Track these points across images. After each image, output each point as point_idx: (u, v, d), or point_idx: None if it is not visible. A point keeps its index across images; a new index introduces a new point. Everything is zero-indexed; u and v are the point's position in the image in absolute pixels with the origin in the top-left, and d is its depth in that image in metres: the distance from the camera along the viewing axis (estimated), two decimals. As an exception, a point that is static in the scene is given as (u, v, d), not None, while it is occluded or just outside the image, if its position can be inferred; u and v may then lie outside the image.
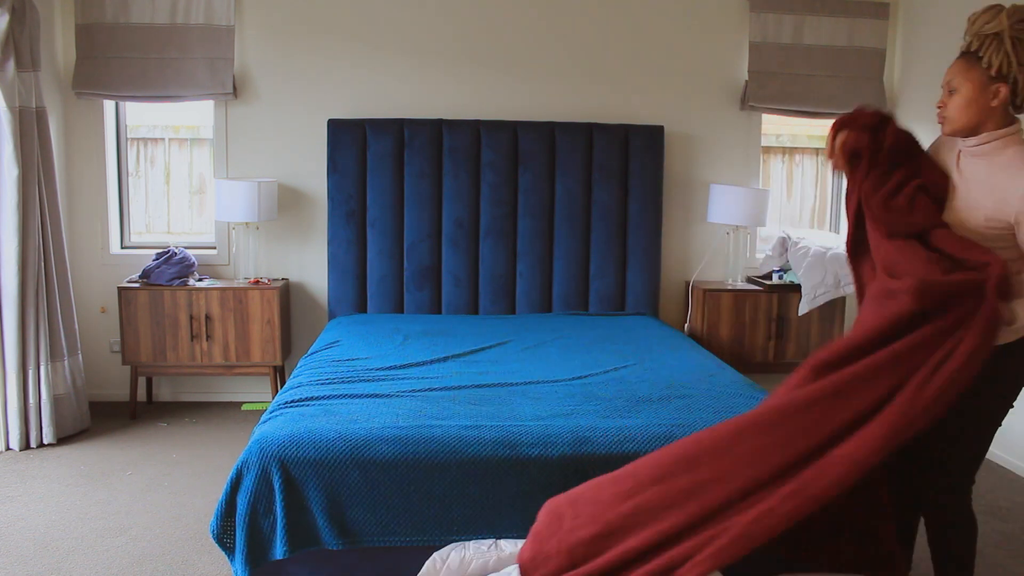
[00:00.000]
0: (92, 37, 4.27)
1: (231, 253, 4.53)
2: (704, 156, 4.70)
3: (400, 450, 2.43)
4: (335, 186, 4.28)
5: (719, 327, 4.41)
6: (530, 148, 4.35)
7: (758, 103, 4.60)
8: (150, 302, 4.17)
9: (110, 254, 4.49)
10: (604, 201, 4.41)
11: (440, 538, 2.44)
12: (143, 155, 4.67)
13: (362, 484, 2.41)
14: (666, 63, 4.62)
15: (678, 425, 2.58)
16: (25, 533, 2.99)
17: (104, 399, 4.52)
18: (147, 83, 4.28)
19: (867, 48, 4.68)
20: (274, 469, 2.38)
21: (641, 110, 4.60)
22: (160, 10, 4.28)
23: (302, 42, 4.42)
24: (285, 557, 2.39)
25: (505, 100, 4.54)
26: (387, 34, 4.46)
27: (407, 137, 4.30)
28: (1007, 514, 3.32)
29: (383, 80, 4.47)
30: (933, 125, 2.27)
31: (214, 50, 4.31)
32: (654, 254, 4.47)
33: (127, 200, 4.61)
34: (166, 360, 4.23)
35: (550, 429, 2.55)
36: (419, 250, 4.34)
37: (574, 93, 4.57)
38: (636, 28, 4.58)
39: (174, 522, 3.10)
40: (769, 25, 4.59)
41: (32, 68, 3.78)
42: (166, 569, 2.76)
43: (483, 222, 4.37)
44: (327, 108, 4.44)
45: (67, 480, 3.48)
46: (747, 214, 4.38)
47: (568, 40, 4.55)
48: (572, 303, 4.43)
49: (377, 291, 4.34)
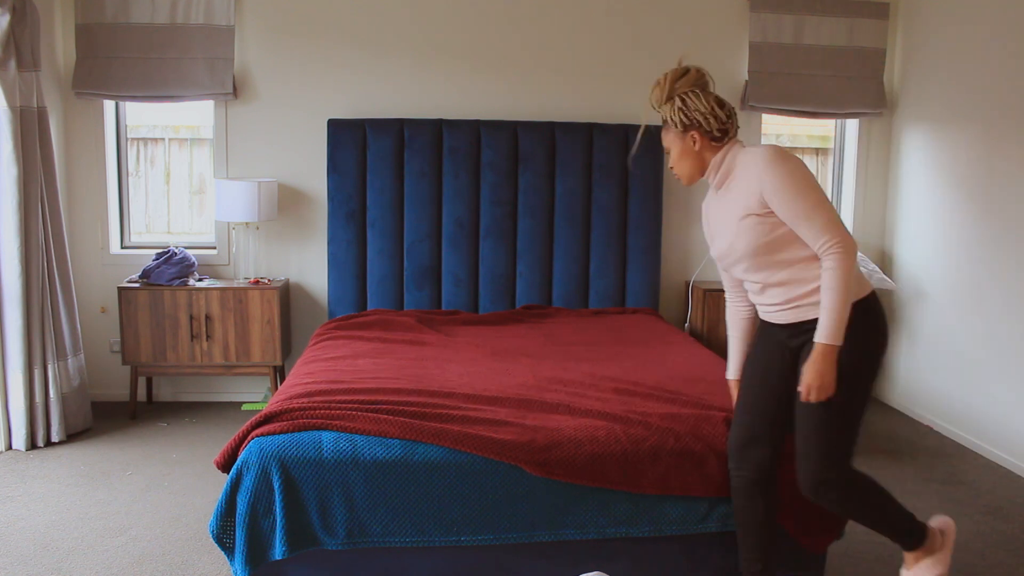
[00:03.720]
0: (92, 37, 4.27)
1: (231, 253, 4.53)
2: (704, 156, 4.69)
3: (400, 450, 2.43)
4: (335, 186, 4.28)
5: (719, 327, 4.41)
6: (530, 148, 4.35)
7: (758, 103, 4.60)
8: (150, 302, 4.17)
9: (110, 254, 4.49)
10: (604, 201, 4.41)
11: (440, 538, 2.44)
12: (143, 155, 4.67)
13: (362, 484, 2.41)
14: (666, 63, 4.56)
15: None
16: (25, 533, 2.99)
17: (104, 399, 4.52)
18: (147, 83, 4.28)
19: (867, 48, 4.68)
20: (274, 469, 2.38)
21: (641, 110, 4.58)
22: (160, 10, 4.28)
23: (302, 42, 4.43)
24: (285, 557, 2.39)
25: (505, 100, 4.54)
26: (387, 34, 4.46)
27: (407, 137, 4.30)
28: (1007, 514, 3.32)
29: (383, 80, 4.48)
30: (933, 125, 2.30)
31: (214, 50, 4.31)
32: (654, 254, 4.47)
33: (127, 200, 4.61)
34: (166, 360, 4.23)
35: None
36: (419, 250, 4.34)
37: (574, 93, 4.57)
38: (636, 28, 4.58)
39: (174, 522, 3.10)
40: (769, 25, 4.59)
41: (33, 68, 3.78)
42: (166, 569, 2.76)
43: (483, 222, 4.37)
44: (327, 108, 4.44)
45: (67, 480, 3.48)
46: (747, 214, 4.37)
47: (568, 40, 4.55)
48: (572, 303, 4.43)
49: (377, 291, 4.33)
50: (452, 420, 2.55)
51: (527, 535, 2.47)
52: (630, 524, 2.50)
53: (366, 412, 2.55)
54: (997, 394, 3.93)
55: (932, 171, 4.44)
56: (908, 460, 3.91)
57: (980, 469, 3.81)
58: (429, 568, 2.49)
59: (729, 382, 2.61)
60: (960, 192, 4.22)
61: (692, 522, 2.52)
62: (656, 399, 2.81)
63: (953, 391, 4.25)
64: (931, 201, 4.47)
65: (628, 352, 3.51)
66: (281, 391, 2.86)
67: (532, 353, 3.47)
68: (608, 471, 2.44)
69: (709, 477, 2.48)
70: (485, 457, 2.43)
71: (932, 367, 4.44)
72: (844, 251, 2.13)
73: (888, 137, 4.84)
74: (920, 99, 4.54)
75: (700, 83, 2.36)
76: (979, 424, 4.05)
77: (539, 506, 2.46)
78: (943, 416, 4.34)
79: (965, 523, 3.22)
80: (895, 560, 2.90)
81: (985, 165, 4.04)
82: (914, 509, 3.31)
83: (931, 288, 4.46)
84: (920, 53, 4.56)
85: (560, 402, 2.75)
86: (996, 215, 3.97)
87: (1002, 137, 3.92)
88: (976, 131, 4.10)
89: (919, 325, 4.56)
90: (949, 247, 4.31)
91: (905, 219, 4.70)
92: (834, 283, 2.12)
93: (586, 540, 2.51)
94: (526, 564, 2.51)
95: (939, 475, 3.72)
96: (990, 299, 4.00)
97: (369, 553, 2.46)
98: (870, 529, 2.36)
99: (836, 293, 2.12)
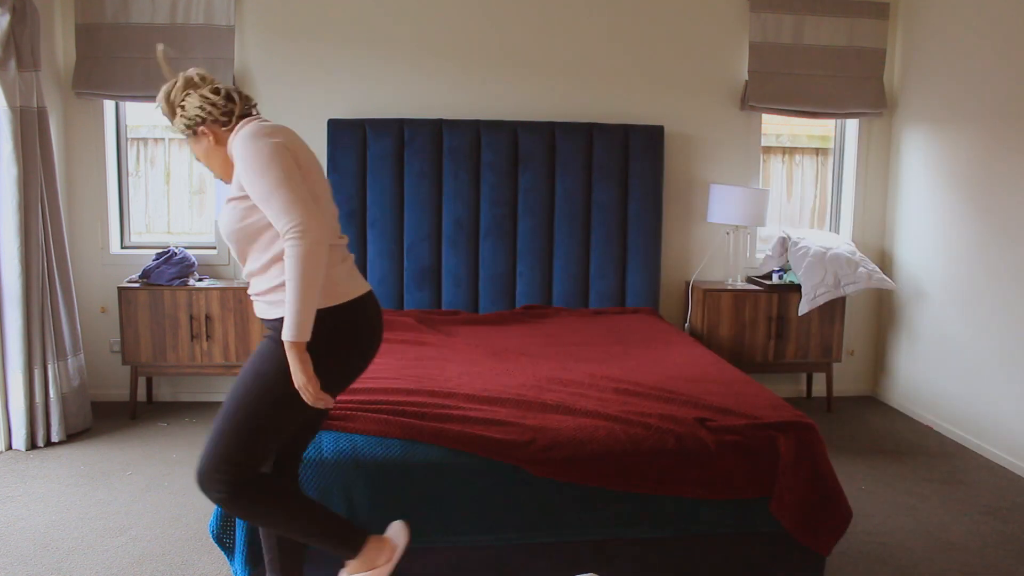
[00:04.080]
0: (92, 37, 4.27)
1: (231, 253, 4.52)
2: (704, 156, 4.70)
3: (400, 450, 2.43)
4: (335, 186, 4.28)
5: (719, 327, 4.41)
6: (530, 148, 4.36)
7: (758, 103, 4.61)
8: (150, 302, 4.17)
9: (110, 254, 4.49)
10: (604, 201, 4.41)
11: (440, 538, 2.44)
12: (143, 155, 4.67)
13: (362, 484, 2.40)
14: (666, 63, 4.63)
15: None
16: (25, 533, 2.99)
17: (104, 399, 4.52)
18: (147, 83, 4.28)
19: (867, 48, 4.68)
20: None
21: (641, 110, 4.60)
22: (160, 10, 4.28)
23: (302, 42, 4.43)
24: (285, 557, 2.39)
25: (505, 100, 4.54)
26: (387, 34, 4.46)
27: (407, 137, 4.30)
28: (1007, 514, 3.32)
29: (383, 80, 4.48)
30: (933, 125, 2.28)
31: (214, 50, 4.31)
32: (654, 254, 4.47)
33: (127, 200, 4.61)
34: (166, 360, 4.23)
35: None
36: (419, 250, 4.34)
37: (574, 93, 4.57)
38: (636, 28, 4.58)
39: (174, 522, 3.10)
40: (769, 25, 4.59)
41: (33, 68, 3.78)
42: (166, 569, 2.76)
43: (483, 222, 4.37)
44: (327, 108, 4.44)
45: (67, 480, 3.48)
46: (747, 214, 4.38)
47: (568, 40, 4.55)
48: (572, 303, 4.43)
49: (377, 291, 4.33)
50: (452, 420, 2.55)
51: (527, 535, 2.47)
52: (630, 524, 2.50)
53: (366, 412, 2.55)
54: (997, 394, 3.93)
55: (932, 171, 4.45)
56: (908, 460, 3.91)
57: (980, 469, 3.81)
58: (429, 568, 2.48)
59: None
60: (960, 192, 4.23)
61: (692, 522, 2.52)
62: (656, 399, 2.81)
63: (953, 391, 4.26)
64: (931, 201, 4.47)
65: (628, 352, 3.51)
66: None
67: (532, 353, 3.47)
68: (608, 471, 2.44)
69: (709, 478, 2.48)
70: (485, 457, 2.43)
71: (932, 367, 4.44)
72: (301, 236, 1.91)
73: (888, 137, 4.84)
74: (920, 99, 4.54)
75: (190, 85, 2.19)
76: (979, 424, 4.05)
77: (539, 506, 2.46)
78: (943, 416, 4.34)
79: (965, 523, 3.23)
80: (895, 560, 2.90)
81: (985, 165, 4.04)
82: (914, 509, 3.33)
83: (931, 288, 4.46)
84: (920, 53, 4.56)
85: (560, 402, 2.75)
86: (996, 215, 3.97)
87: (1002, 137, 3.92)
88: (976, 131, 4.10)
89: (919, 325, 4.56)
90: (949, 247, 4.31)
91: (905, 219, 4.70)
92: (290, 272, 1.92)
93: (586, 540, 2.51)
94: (526, 564, 2.51)
95: (939, 475, 3.72)
96: (990, 299, 4.00)
97: (369, 553, 2.46)
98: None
99: (291, 283, 1.92)
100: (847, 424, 4.43)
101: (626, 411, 2.67)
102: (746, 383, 2.99)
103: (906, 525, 3.19)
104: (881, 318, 4.92)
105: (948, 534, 3.12)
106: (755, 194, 4.40)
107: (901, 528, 3.16)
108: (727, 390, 2.91)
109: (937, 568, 2.86)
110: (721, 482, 2.48)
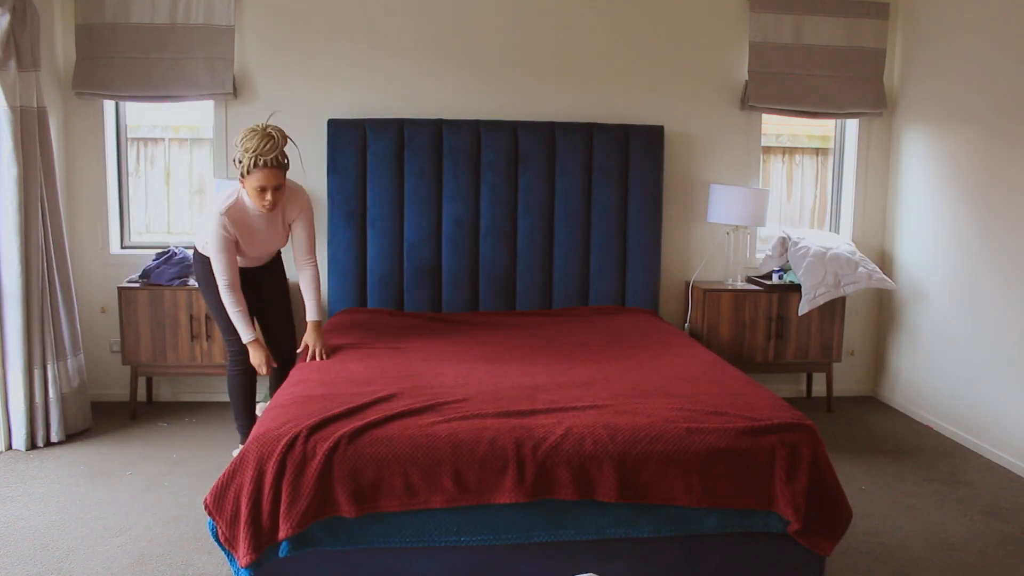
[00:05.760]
0: (92, 37, 4.27)
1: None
2: (704, 156, 4.70)
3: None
4: (335, 186, 4.28)
5: (719, 327, 4.41)
6: (530, 148, 4.36)
7: (758, 103, 4.61)
8: (150, 302, 4.17)
9: (110, 254, 4.49)
10: (604, 201, 4.41)
11: (440, 538, 2.44)
12: (143, 155, 4.67)
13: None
14: (666, 63, 4.63)
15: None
16: (25, 533, 2.99)
17: (104, 399, 4.52)
18: (147, 83, 4.28)
19: (867, 48, 4.68)
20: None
21: (641, 110, 4.60)
22: (160, 10, 4.28)
23: (302, 42, 4.43)
24: (285, 557, 2.39)
25: (505, 100, 4.54)
26: (387, 34, 4.46)
27: (407, 137, 4.30)
28: (1007, 514, 3.32)
29: (383, 80, 4.48)
30: (933, 125, 2.28)
31: (214, 50, 4.31)
32: (654, 254, 4.47)
33: (127, 200, 4.61)
34: (166, 360, 4.23)
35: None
36: (419, 250, 4.34)
37: (574, 93, 4.57)
38: (636, 28, 4.58)
39: (174, 522, 3.10)
40: (769, 25, 4.59)
41: (33, 68, 3.78)
42: (166, 569, 2.76)
43: (483, 222, 4.37)
44: (327, 108, 4.44)
45: (67, 480, 3.48)
46: (747, 214, 4.38)
47: (568, 40, 4.55)
48: (572, 303, 4.43)
49: (377, 291, 4.33)
50: (451, 420, 2.55)
51: (527, 535, 2.47)
52: (630, 524, 2.50)
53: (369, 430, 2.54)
54: (997, 394, 3.93)
55: (932, 171, 4.45)
56: (908, 460, 3.91)
57: (980, 469, 3.82)
58: (429, 568, 2.49)
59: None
60: (960, 192, 4.23)
61: (692, 522, 2.52)
62: (656, 399, 2.81)
63: (953, 391, 4.26)
64: (931, 201, 4.47)
65: (628, 352, 3.51)
66: (280, 393, 2.86)
67: (532, 353, 3.46)
68: (608, 471, 2.44)
69: (709, 478, 2.47)
70: (485, 457, 2.42)
71: (932, 367, 4.44)
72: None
73: (888, 137, 4.84)
74: (920, 99, 4.54)
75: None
76: (979, 424, 4.05)
77: (539, 506, 2.46)
78: (943, 416, 4.34)
79: (965, 523, 3.23)
80: (895, 560, 2.91)
81: (985, 165, 4.04)
82: (914, 509, 3.33)
83: (931, 288, 4.46)
84: (920, 53, 4.56)
85: (560, 402, 2.74)
86: (996, 215, 3.97)
87: (1002, 137, 3.92)
88: (976, 131, 4.10)
89: (919, 325, 4.56)
90: (949, 247, 4.31)
91: (905, 219, 4.70)
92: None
93: (586, 540, 2.51)
94: (526, 564, 2.51)
95: (939, 475, 3.73)
96: (990, 299, 4.00)
97: (369, 553, 2.46)
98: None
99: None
100: (847, 424, 4.43)
101: (626, 411, 2.66)
102: (746, 383, 2.99)
103: (906, 525, 3.19)
104: (881, 318, 4.92)
105: (948, 534, 3.12)
106: (755, 194, 4.40)
107: (901, 528, 3.16)
108: (727, 390, 2.90)
109: (937, 568, 2.86)
110: (721, 485, 2.48)
